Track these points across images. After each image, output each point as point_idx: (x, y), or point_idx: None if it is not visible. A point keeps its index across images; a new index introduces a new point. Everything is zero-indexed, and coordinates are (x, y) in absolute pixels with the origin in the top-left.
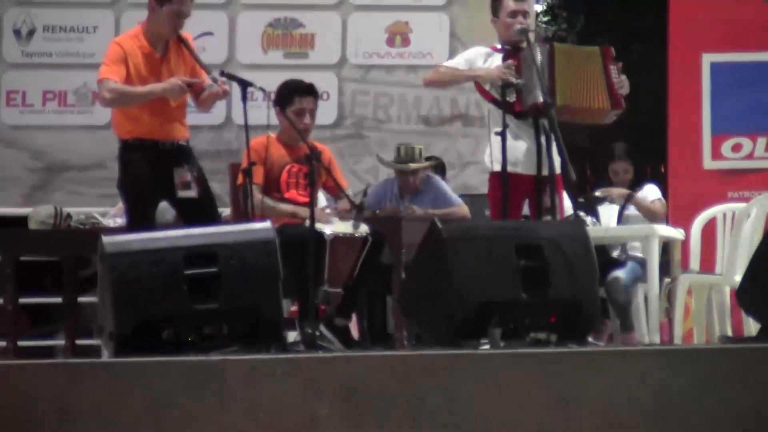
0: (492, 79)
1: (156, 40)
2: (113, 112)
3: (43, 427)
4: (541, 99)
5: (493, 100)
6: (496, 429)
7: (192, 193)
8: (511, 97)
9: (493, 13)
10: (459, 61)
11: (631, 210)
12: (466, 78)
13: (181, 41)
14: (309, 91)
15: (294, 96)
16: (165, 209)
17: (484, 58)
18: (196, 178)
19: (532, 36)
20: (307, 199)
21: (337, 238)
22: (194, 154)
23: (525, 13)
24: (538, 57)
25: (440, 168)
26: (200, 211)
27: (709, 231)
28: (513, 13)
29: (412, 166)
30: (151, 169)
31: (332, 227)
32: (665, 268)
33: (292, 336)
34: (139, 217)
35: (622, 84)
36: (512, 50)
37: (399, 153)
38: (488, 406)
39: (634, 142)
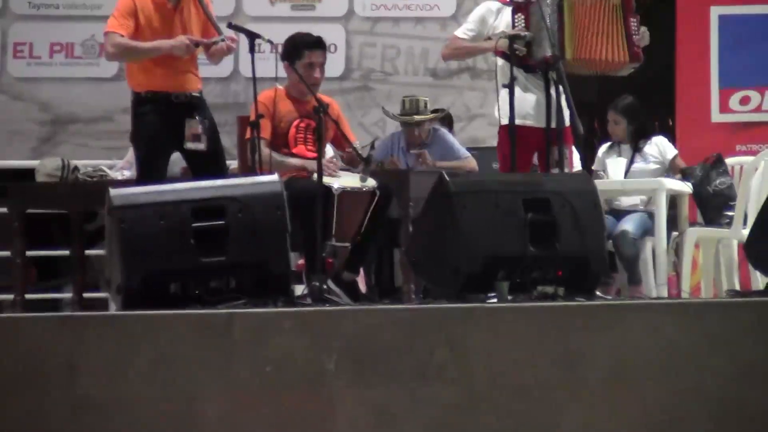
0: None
1: None
2: (126, 64)
3: (50, 379)
4: (549, 52)
5: (502, 54)
6: (504, 383)
7: (201, 146)
8: (521, 51)
9: None
10: (471, 26)
11: (639, 164)
12: (481, 51)
13: None
14: (318, 44)
15: (303, 50)
16: (173, 162)
17: (495, 15)
18: (207, 131)
19: None
20: (315, 155)
21: (344, 193)
22: (207, 106)
23: None
24: (547, 10)
25: (448, 121)
26: (209, 164)
27: None
28: None
29: (417, 118)
30: (163, 122)
31: (340, 181)
32: (673, 222)
33: (300, 289)
34: (150, 170)
35: (642, 36)
36: (521, 4)
37: (404, 105)
38: (495, 359)
39: (641, 96)
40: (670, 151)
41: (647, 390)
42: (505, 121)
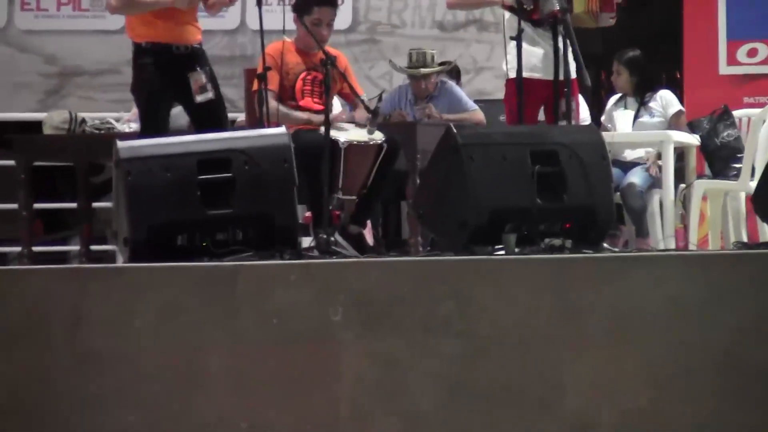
0: None
1: None
2: (127, 16)
3: (57, 331)
4: (557, 6)
5: (509, 8)
6: (510, 335)
7: (209, 95)
8: (528, 5)
9: None
10: None
11: (644, 117)
12: (487, 4)
13: None
14: (328, 1)
15: (313, 6)
16: (179, 115)
17: None
18: (210, 80)
19: None
20: (322, 107)
21: (351, 146)
22: (207, 58)
23: None
24: None
25: (455, 73)
26: (212, 115)
27: None
28: None
29: (423, 70)
30: (164, 73)
31: (347, 135)
32: (680, 174)
33: (306, 242)
34: (152, 121)
35: None
36: None
37: (411, 58)
38: (502, 312)
39: (649, 48)
40: (673, 106)
41: (653, 342)
42: (512, 74)
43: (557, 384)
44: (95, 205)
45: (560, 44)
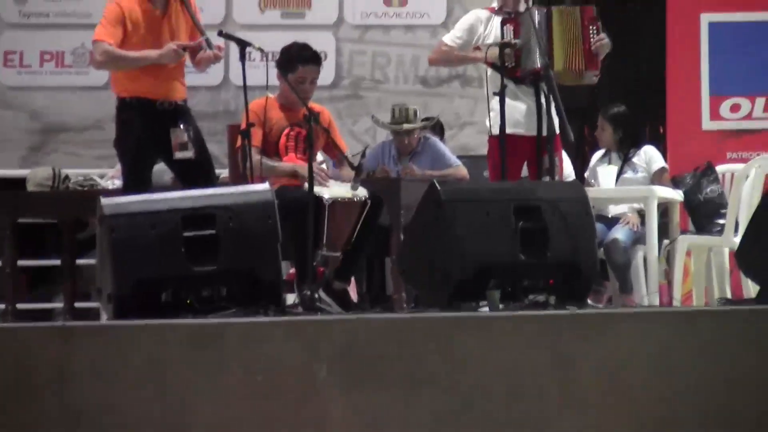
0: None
1: None
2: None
3: (43, 389)
4: (539, 64)
5: (491, 65)
6: (496, 391)
7: (189, 154)
8: (510, 63)
9: None
10: (459, 34)
11: (628, 173)
12: (470, 61)
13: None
14: (312, 59)
15: (297, 64)
16: (163, 170)
17: (484, 23)
18: (192, 139)
19: None
20: (305, 163)
21: (335, 203)
22: (192, 114)
23: None
24: (537, 20)
25: (438, 129)
26: (196, 172)
27: None
28: None
29: (406, 126)
30: (147, 129)
31: (331, 192)
32: (664, 230)
33: (291, 298)
34: (135, 177)
35: (601, 43)
36: (510, 15)
37: (394, 114)
38: (487, 368)
39: (632, 103)
40: (657, 163)
41: (638, 398)
42: (495, 130)
43: None
44: (79, 262)
45: (543, 100)
